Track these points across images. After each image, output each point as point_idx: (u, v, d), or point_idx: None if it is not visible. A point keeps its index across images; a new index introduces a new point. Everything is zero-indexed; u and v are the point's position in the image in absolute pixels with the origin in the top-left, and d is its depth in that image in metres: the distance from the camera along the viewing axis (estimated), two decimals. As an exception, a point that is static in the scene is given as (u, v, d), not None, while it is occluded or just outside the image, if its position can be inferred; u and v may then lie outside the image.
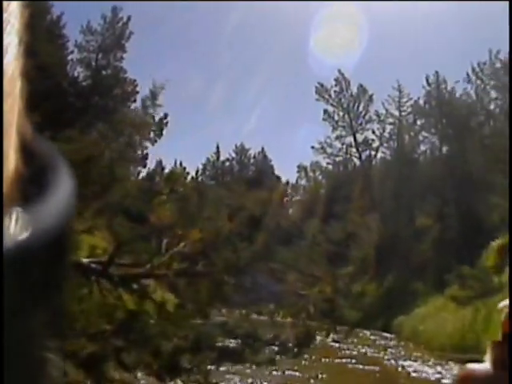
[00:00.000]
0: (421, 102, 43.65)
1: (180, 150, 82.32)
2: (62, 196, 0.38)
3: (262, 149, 67.10)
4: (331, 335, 27.72)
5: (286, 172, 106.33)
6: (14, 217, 0.34)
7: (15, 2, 0.38)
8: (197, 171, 65.04)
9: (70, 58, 41.47)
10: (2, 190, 0.35)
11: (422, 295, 30.90)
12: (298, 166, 61.80)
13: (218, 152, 67.27)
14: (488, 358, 2.84)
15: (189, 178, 63.33)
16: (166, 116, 43.02)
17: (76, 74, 41.79)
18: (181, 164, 64.22)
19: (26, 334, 0.35)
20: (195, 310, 10.78)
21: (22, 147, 0.38)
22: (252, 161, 67.93)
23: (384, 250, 38.66)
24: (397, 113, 45.49)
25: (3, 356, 0.32)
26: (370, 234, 41.15)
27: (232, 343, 11.36)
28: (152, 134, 42.39)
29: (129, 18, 42.47)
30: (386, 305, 32.72)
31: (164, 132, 41.78)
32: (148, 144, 42.31)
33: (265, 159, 67.45)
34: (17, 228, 0.34)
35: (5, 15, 0.36)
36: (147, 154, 42.82)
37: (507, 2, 26.08)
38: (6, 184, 0.35)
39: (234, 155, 67.82)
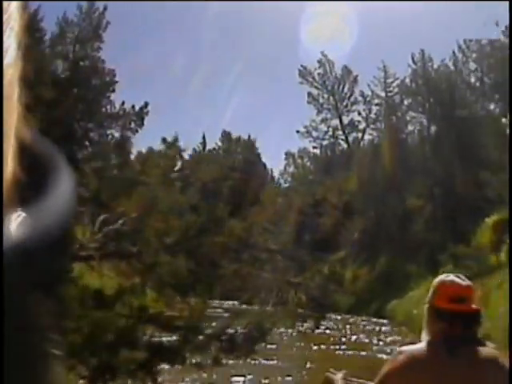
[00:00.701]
0: (407, 81, 42.90)
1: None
2: (61, 196, 0.37)
3: (249, 136, 66.28)
4: (324, 322, 26.99)
5: (274, 159, 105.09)
6: (13, 217, 0.34)
7: (14, 4, 0.38)
8: (182, 163, 64.02)
9: (47, 51, 40.37)
10: (2, 190, 0.35)
11: (415, 278, 30.15)
12: (286, 153, 61.06)
13: (204, 141, 66.35)
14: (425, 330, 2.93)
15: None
16: (146, 105, 42.00)
17: (54, 67, 40.70)
18: (167, 156, 63.74)
19: (26, 333, 0.35)
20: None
21: (22, 149, 0.37)
22: (239, 149, 67.00)
23: (375, 233, 37.98)
24: (383, 94, 44.76)
25: (3, 356, 0.32)
26: (359, 219, 40.47)
27: (170, 338, 9.75)
28: (133, 124, 41.40)
29: (105, 8, 41.40)
30: (379, 289, 32.03)
31: (145, 122, 40.79)
32: (129, 134, 41.42)
33: (252, 147, 66.52)
34: (17, 228, 0.33)
35: (4, 17, 0.37)
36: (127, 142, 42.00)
37: (507, 2, 26.31)
38: (5, 185, 0.35)
39: (220, 144, 66.98)
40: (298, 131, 48.50)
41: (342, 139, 47.45)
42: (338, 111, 46.09)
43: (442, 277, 2.99)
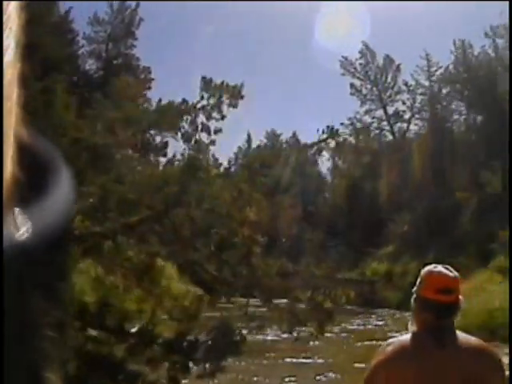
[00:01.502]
0: (450, 68, 41.76)
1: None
2: (61, 196, 0.38)
3: (294, 133, 65.62)
4: (371, 318, 26.25)
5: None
6: (13, 217, 0.34)
7: (13, 4, 0.38)
8: (229, 161, 63.98)
9: (81, 51, 40.31)
10: (2, 190, 0.35)
11: (465, 270, 29.13)
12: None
13: (249, 140, 66.07)
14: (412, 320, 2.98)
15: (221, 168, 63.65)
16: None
17: (87, 67, 40.57)
18: (213, 155, 63.76)
19: (26, 333, 0.35)
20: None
21: (21, 149, 0.38)
22: (284, 146, 66.46)
23: (423, 226, 37.07)
24: (427, 83, 43.68)
25: (3, 356, 0.32)
26: (407, 212, 39.64)
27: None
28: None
29: (137, 5, 41.13)
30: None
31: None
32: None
33: (297, 144, 65.83)
34: (17, 228, 0.34)
35: (4, 17, 0.37)
36: (167, 142, 41.70)
37: (507, 2, 26.53)
38: (5, 185, 0.35)
39: (265, 141, 66.52)
40: (341, 123, 47.64)
41: (388, 130, 46.46)
42: (382, 102, 45.18)
43: (429, 267, 3.01)
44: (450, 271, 2.97)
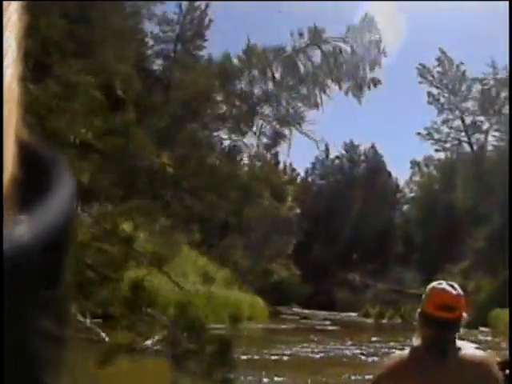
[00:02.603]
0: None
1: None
2: (62, 197, 0.38)
3: (373, 145, 64.42)
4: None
5: (400, 167, 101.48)
6: (14, 218, 0.34)
7: (14, 5, 0.38)
8: (306, 171, 63.51)
9: (149, 52, 40.29)
10: (2, 191, 0.35)
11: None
12: (411, 162, 58.73)
13: (327, 150, 65.23)
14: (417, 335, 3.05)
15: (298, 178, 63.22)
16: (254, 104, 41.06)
17: (155, 67, 40.56)
18: (290, 165, 63.32)
19: (26, 334, 0.35)
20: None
21: (22, 150, 0.38)
22: (362, 157, 65.29)
23: (500, 242, 35.60)
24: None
25: (3, 357, 0.32)
26: (484, 226, 38.23)
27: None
28: (242, 126, 40.58)
29: (207, 5, 40.89)
30: (501, 301, 29.82)
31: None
32: (238, 136, 40.76)
33: (376, 155, 64.60)
34: (17, 229, 0.34)
35: (4, 17, 0.37)
36: (235, 144, 41.29)
37: (507, 2, 25.94)
38: (5, 186, 0.36)
39: (343, 152, 65.55)
40: (418, 133, 46.41)
41: (465, 141, 44.90)
42: (459, 111, 43.72)
43: (434, 283, 3.06)
44: (454, 288, 2.99)
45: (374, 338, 22.41)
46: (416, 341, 3.02)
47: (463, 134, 44.56)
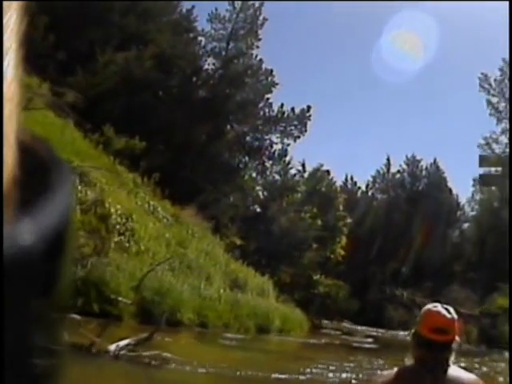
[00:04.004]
0: None
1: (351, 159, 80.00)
2: (61, 197, 0.38)
3: (435, 160, 62.68)
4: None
5: (462, 184, 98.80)
6: (14, 218, 0.35)
7: (15, 5, 0.38)
8: (367, 185, 62.30)
9: (200, 50, 39.81)
10: (2, 191, 0.36)
11: None
12: (474, 179, 56.81)
13: (388, 164, 63.85)
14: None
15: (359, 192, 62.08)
16: (308, 108, 40.09)
17: (206, 66, 39.99)
18: (351, 178, 62.22)
19: (26, 335, 0.35)
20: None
21: (22, 150, 0.38)
22: (424, 173, 63.65)
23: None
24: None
25: (3, 358, 0.32)
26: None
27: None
28: (294, 130, 39.73)
29: (261, 4, 40.09)
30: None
31: (308, 127, 39.05)
32: (290, 141, 39.97)
33: (437, 171, 62.88)
34: (17, 229, 0.34)
35: (4, 20, 0.37)
36: (286, 150, 40.58)
37: (507, 2, 26.11)
38: (5, 186, 0.36)
39: (405, 167, 64.04)
40: (478, 146, 44.78)
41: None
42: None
43: (429, 306, 3.10)
44: (449, 312, 3.01)
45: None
46: (408, 361, 3.04)
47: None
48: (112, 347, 9.67)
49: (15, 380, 0.33)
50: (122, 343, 10.05)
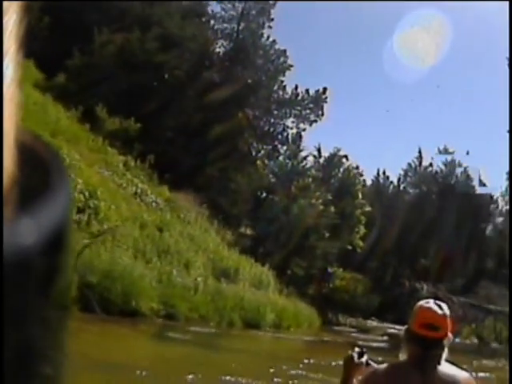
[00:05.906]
0: None
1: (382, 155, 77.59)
2: (61, 197, 0.38)
3: (467, 152, 59.97)
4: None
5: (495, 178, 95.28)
6: (13, 217, 0.35)
7: (15, 6, 0.38)
8: (398, 178, 60.06)
9: (210, 32, 38.08)
10: (2, 191, 0.36)
11: None
12: (507, 173, 54.09)
13: (420, 156, 61.40)
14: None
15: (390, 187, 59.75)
16: (324, 90, 38.00)
17: (218, 49, 38.15)
18: (384, 173, 59.87)
19: (26, 334, 0.35)
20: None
21: (22, 150, 0.38)
22: (456, 166, 60.98)
23: None
24: None
25: (3, 358, 0.32)
26: None
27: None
28: (309, 112, 37.83)
29: None
30: None
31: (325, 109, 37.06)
32: (305, 125, 38.07)
33: (470, 164, 60.20)
34: (17, 229, 0.34)
35: (4, 20, 0.37)
36: (300, 134, 38.60)
37: (507, 2, 26.57)
38: (5, 186, 0.36)
39: (437, 160, 61.49)
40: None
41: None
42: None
43: (422, 302, 3.11)
44: (441, 308, 3.01)
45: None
46: (402, 357, 3.06)
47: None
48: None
49: (15, 380, 0.33)
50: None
